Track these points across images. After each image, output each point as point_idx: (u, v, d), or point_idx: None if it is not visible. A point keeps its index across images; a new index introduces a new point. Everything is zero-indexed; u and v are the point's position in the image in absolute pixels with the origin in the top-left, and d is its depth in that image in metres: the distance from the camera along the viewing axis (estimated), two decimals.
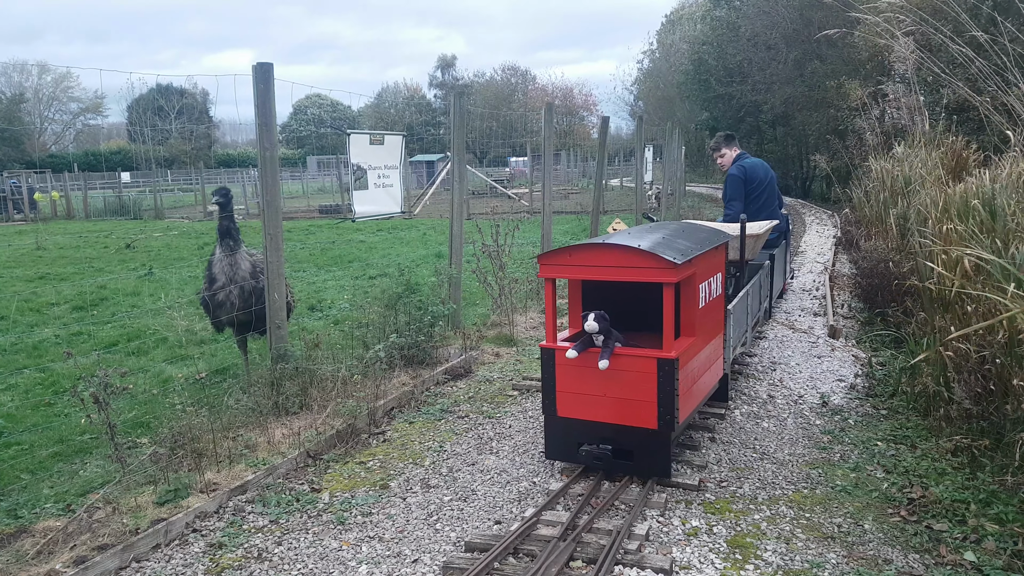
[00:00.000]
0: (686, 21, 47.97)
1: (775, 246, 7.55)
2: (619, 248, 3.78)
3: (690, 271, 3.91)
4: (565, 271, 3.97)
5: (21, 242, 18.74)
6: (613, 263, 3.79)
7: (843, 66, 20.67)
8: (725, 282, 4.81)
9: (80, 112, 70.30)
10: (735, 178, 7.46)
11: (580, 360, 3.95)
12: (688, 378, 3.97)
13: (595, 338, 3.92)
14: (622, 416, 3.91)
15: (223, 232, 5.79)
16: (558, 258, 3.96)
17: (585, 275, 3.95)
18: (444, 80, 77.80)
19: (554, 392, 4.08)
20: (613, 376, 3.89)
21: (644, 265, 3.69)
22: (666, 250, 3.74)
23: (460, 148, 7.50)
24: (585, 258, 3.88)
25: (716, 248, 4.54)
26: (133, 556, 3.50)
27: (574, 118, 69.00)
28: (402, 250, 14.85)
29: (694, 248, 4.07)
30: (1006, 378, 4.33)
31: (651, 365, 3.80)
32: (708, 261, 4.33)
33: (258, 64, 5.10)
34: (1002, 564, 3.23)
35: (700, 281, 4.15)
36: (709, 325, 4.42)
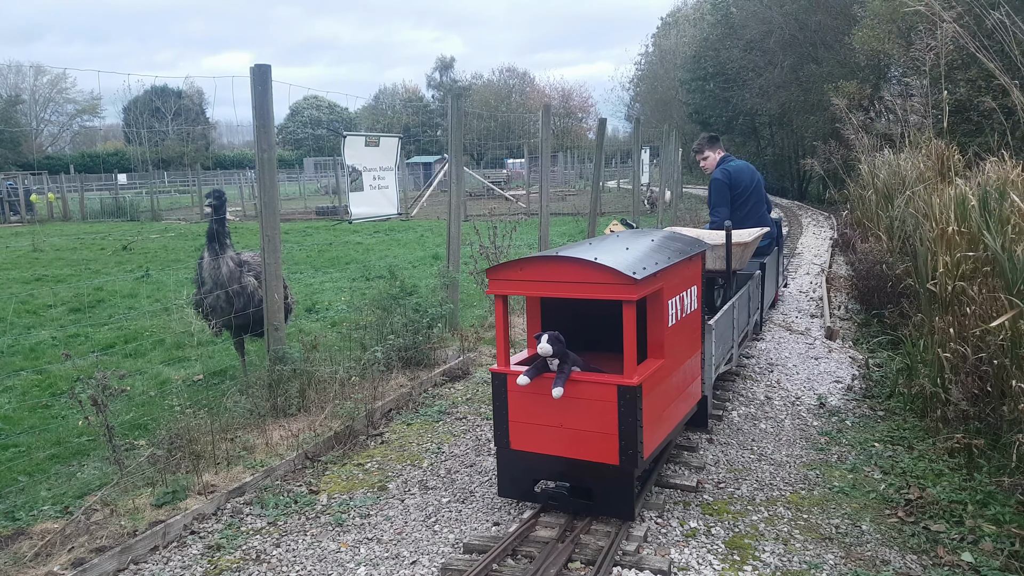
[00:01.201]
0: (683, 23, 48.06)
1: (766, 254, 7.12)
2: (574, 262, 3.39)
3: (656, 286, 3.54)
4: (516, 287, 3.55)
5: (17, 244, 18.71)
6: (567, 278, 3.41)
7: (839, 69, 20.72)
8: (702, 296, 4.40)
9: (76, 114, 70.24)
10: (719, 183, 6.99)
11: (533, 387, 3.55)
12: (655, 406, 3.60)
13: (550, 362, 3.53)
14: (580, 450, 3.53)
15: (211, 236, 5.77)
16: (508, 272, 3.55)
17: (537, 291, 3.55)
18: (442, 81, 77.85)
19: (506, 422, 3.69)
20: (570, 405, 3.51)
21: (601, 280, 3.31)
22: (627, 263, 3.36)
23: (457, 149, 7.51)
24: (537, 272, 3.49)
25: (690, 259, 4.13)
26: (131, 558, 3.50)
27: (571, 120, 69.10)
28: (399, 252, 14.85)
29: (662, 260, 3.68)
30: (1003, 379, 4.34)
31: (611, 393, 3.41)
32: (680, 273, 3.94)
33: (256, 66, 5.10)
34: (999, 564, 3.24)
35: (670, 296, 3.77)
36: (682, 344, 4.03)
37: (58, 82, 64.83)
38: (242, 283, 5.77)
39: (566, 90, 71.45)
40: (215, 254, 5.73)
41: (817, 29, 23.51)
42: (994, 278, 4.76)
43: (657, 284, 3.55)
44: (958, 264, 5.24)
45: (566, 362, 3.52)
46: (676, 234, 4.49)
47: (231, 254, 5.81)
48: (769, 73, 25.18)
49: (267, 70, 5.12)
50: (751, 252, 5.93)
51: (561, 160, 45.61)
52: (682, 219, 17.83)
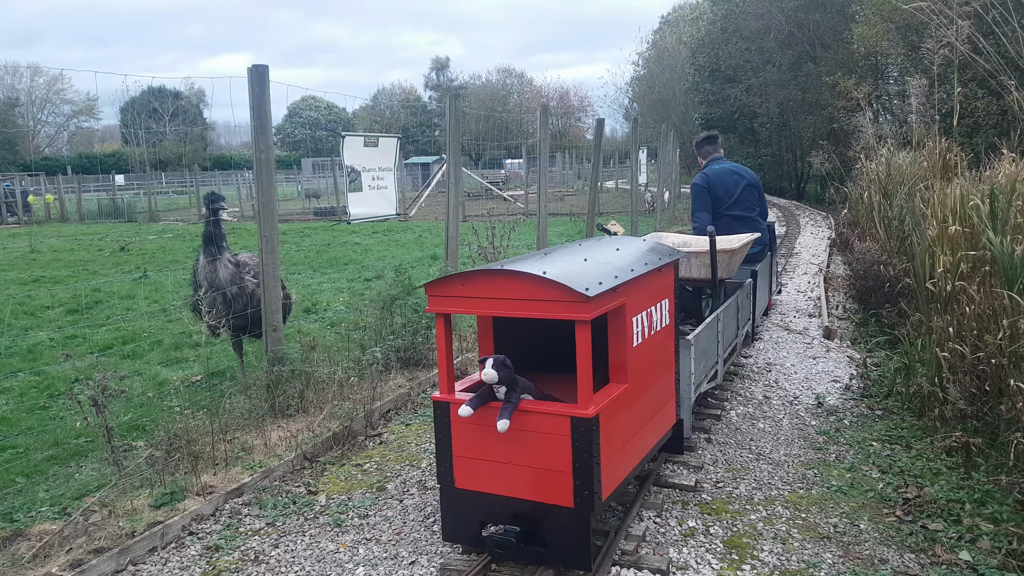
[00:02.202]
0: (681, 23, 48.09)
1: (757, 260, 6.75)
2: (520, 276, 3.00)
3: (616, 301, 3.18)
4: (458, 304, 3.17)
5: (15, 245, 18.70)
6: (514, 294, 3.03)
7: (837, 67, 20.75)
8: (675, 310, 4.01)
9: (73, 115, 70.17)
10: (698, 188, 6.76)
11: (478, 418, 3.17)
12: (616, 439, 3.24)
13: (496, 390, 3.14)
14: (531, 490, 3.14)
15: (207, 239, 5.76)
16: (450, 287, 3.17)
17: (481, 309, 3.14)
18: (439, 82, 77.84)
19: (450, 458, 3.31)
20: (519, 439, 3.13)
21: (550, 298, 2.94)
22: (581, 277, 3.00)
23: (456, 150, 7.51)
24: (481, 288, 3.10)
25: (659, 270, 3.72)
26: (129, 559, 3.50)
27: (570, 120, 69.13)
28: (398, 252, 14.85)
29: (624, 272, 3.30)
30: (1001, 378, 4.35)
31: (563, 425, 3.02)
32: (647, 286, 3.57)
33: (253, 66, 5.10)
34: (997, 563, 3.25)
35: (634, 312, 3.39)
36: (651, 365, 3.65)
37: (55, 83, 64.81)
38: (241, 285, 5.77)
39: (564, 90, 71.58)
40: (212, 257, 5.73)
41: (815, 28, 23.55)
42: (994, 277, 4.77)
43: (618, 299, 3.20)
44: (957, 263, 5.25)
45: (514, 390, 3.13)
46: (648, 242, 4.03)
47: (228, 256, 5.81)
48: (767, 72, 25.22)
49: (264, 70, 5.12)
50: (739, 259, 5.64)
51: (559, 160, 45.61)
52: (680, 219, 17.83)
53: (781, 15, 24.30)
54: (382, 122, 67.59)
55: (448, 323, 3.28)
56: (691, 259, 5.38)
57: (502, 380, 3.10)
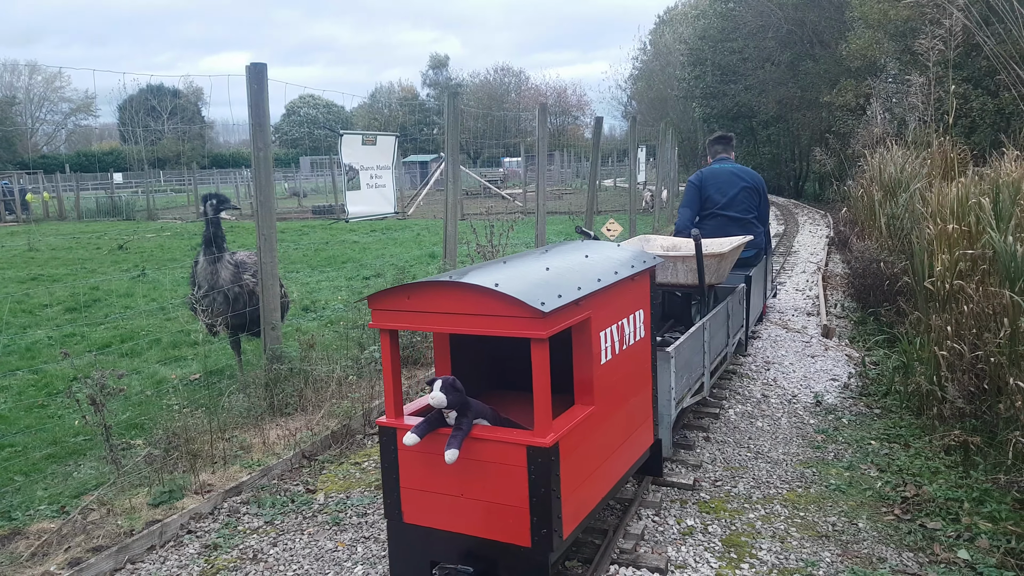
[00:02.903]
0: (678, 21, 48.07)
1: (752, 265, 6.50)
2: (470, 289, 2.73)
3: (580, 315, 2.90)
4: (404, 319, 2.89)
5: (13, 243, 18.67)
6: (463, 308, 2.75)
7: (835, 67, 20.76)
8: (651, 321, 3.70)
9: (71, 112, 70.07)
10: (689, 185, 6.74)
11: (427, 446, 2.87)
12: (580, 468, 2.95)
13: (446, 415, 2.85)
14: (484, 527, 2.86)
15: (207, 240, 5.75)
16: (394, 300, 2.89)
17: (429, 324, 2.85)
18: (438, 80, 77.79)
19: (397, 490, 3.03)
20: (471, 470, 2.84)
21: (502, 313, 2.66)
22: (537, 290, 2.71)
23: (454, 148, 7.50)
24: (428, 301, 2.82)
25: (631, 279, 3.41)
26: (128, 557, 3.49)
27: (568, 118, 69.12)
28: (396, 250, 14.85)
29: (590, 282, 3.01)
30: (1000, 377, 4.35)
31: (519, 455, 2.73)
32: (618, 296, 3.27)
33: (251, 64, 5.09)
34: (995, 562, 3.25)
35: (602, 326, 3.10)
36: (622, 383, 3.36)
37: (53, 81, 64.70)
38: (240, 284, 5.78)
39: (562, 89, 71.52)
40: (213, 258, 5.72)
41: (814, 26, 23.56)
42: (993, 276, 4.77)
43: (581, 313, 2.91)
44: (956, 262, 5.26)
45: (466, 415, 2.83)
46: (622, 247, 3.72)
47: (228, 257, 5.82)
48: (767, 70, 25.22)
49: (263, 69, 5.11)
50: (730, 264, 5.39)
51: (557, 159, 45.61)
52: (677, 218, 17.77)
53: (780, 13, 24.31)
54: (380, 120, 67.54)
55: (394, 339, 3.00)
56: (677, 263, 5.12)
57: (451, 404, 2.79)
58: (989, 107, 13.27)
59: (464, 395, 2.83)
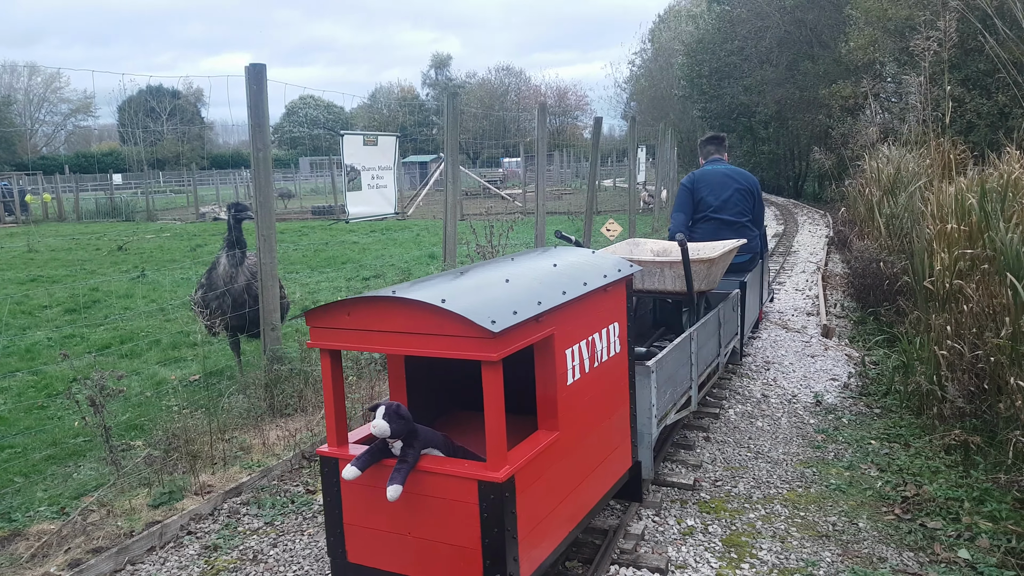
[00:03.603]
0: (678, 19, 48.05)
1: (747, 270, 6.25)
2: (414, 305, 2.46)
3: (539, 333, 2.62)
4: (344, 337, 2.61)
5: (13, 244, 18.67)
6: (407, 327, 2.48)
7: (834, 67, 20.76)
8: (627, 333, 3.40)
9: (70, 113, 70.06)
10: (681, 187, 6.51)
11: (371, 479, 2.60)
12: (541, 502, 2.67)
13: (391, 445, 2.58)
14: (434, 569, 2.61)
15: (231, 243, 5.94)
16: (333, 317, 2.61)
17: (372, 344, 2.57)
18: (438, 80, 77.82)
19: (340, 525, 2.76)
20: (418, 506, 2.58)
21: (449, 332, 2.41)
22: (489, 306, 2.45)
23: (454, 148, 7.50)
24: (369, 318, 2.54)
25: (604, 289, 3.12)
26: (128, 559, 3.49)
27: (567, 118, 69.15)
28: (396, 251, 14.84)
29: (554, 295, 2.72)
30: (1000, 376, 4.35)
31: (470, 491, 2.47)
32: (588, 310, 2.98)
33: (251, 65, 5.09)
34: (996, 561, 3.25)
35: (569, 343, 2.82)
36: (593, 404, 3.06)
37: (52, 82, 64.69)
38: (251, 290, 5.84)
39: (562, 89, 71.56)
40: (235, 262, 5.86)
41: (813, 26, 23.56)
42: (993, 275, 4.77)
43: (543, 330, 2.64)
44: (956, 261, 5.26)
45: (413, 445, 2.55)
46: (597, 255, 3.44)
47: (247, 265, 5.94)
48: (765, 70, 25.22)
49: (262, 69, 5.11)
50: (721, 269, 5.08)
51: (557, 159, 45.60)
52: None
53: (778, 14, 24.31)
54: (380, 120, 67.56)
55: (336, 360, 2.70)
56: (664, 269, 4.81)
57: (396, 433, 2.52)
58: (986, 108, 13.28)
59: (411, 422, 2.55)
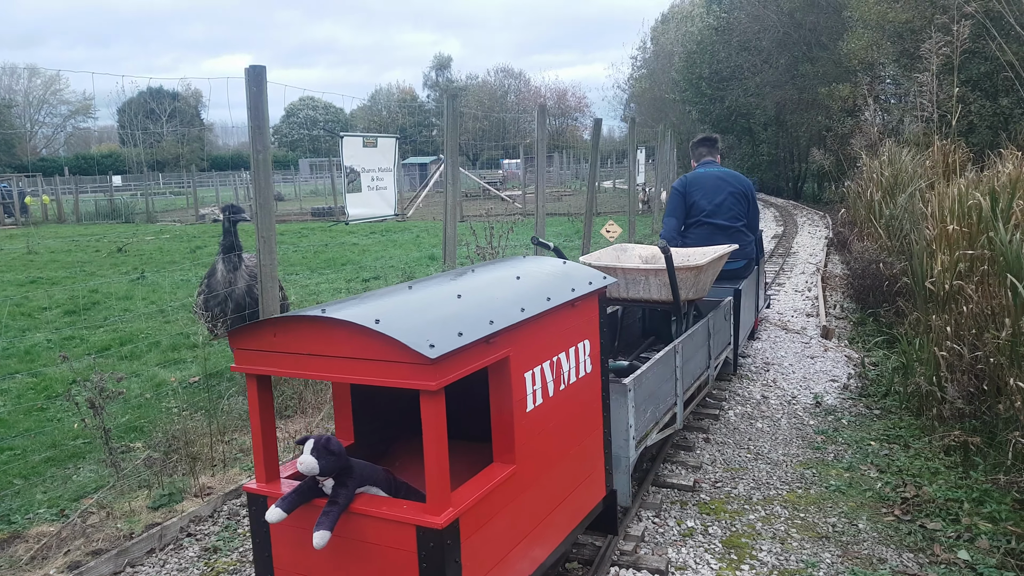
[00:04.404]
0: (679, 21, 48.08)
1: (742, 277, 5.97)
2: (343, 327, 2.18)
3: (491, 355, 2.33)
4: (270, 361, 2.31)
5: (12, 246, 18.66)
6: (335, 351, 2.20)
7: (833, 68, 20.78)
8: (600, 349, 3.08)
9: (70, 115, 70.09)
10: (673, 191, 6.19)
11: (300, 520, 2.31)
12: (495, 546, 2.38)
13: (321, 483, 2.28)
14: None
15: (227, 247, 5.95)
16: (258, 338, 2.32)
17: (301, 369, 2.27)
18: (438, 81, 77.87)
19: (270, 570, 2.46)
20: (353, 553, 2.29)
21: (382, 357, 2.12)
22: (433, 327, 2.18)
23: (453, 150, 7.50)
24: (296, 340, 2.26)
25: (571, 304, 2.81)
26: (127, 561, 3.49)
27: (567, 120, 69.19)
28: (395, 252, 14.84)
29: (507, 313, 2.42)
30: (1000, 377, 4.36)
31: (407, 537, 2.18)
32: (551, 328, 2.68)
33: (251, 67, 5.09)
34: (996, 562, 3.25)
35: (528, 366, 2.53)
36: (559, 430, 2.75)
37: (52, 83, 64.73)
38: (252, 293, 5.86)
39: (562, 90, 71.62)
40: (232, 267, 5.87)
41: (812, 28, 23.58)
42: (993, 276, 4.78)
43: (495, 351, 2.35)
44: (956, 263, 5.26)
45: (346, 483, 2.25)
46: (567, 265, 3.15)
47: (245, 268, 5.94)
48: (764, 72, 25.24)
49: (262, 71, 5.11)
50: (710, 276, 4.79)
51: (557, 160, 45.63)
52: None
53: (777, 16, 24.33)
54: (379, 122, 67.61)
55: (264, 386, 2.40)
56: (650, 277, 4.56)
57: (326, 470, 2.23)
58: (988, 109, 13.30)
59: (344, 457, 2.26)
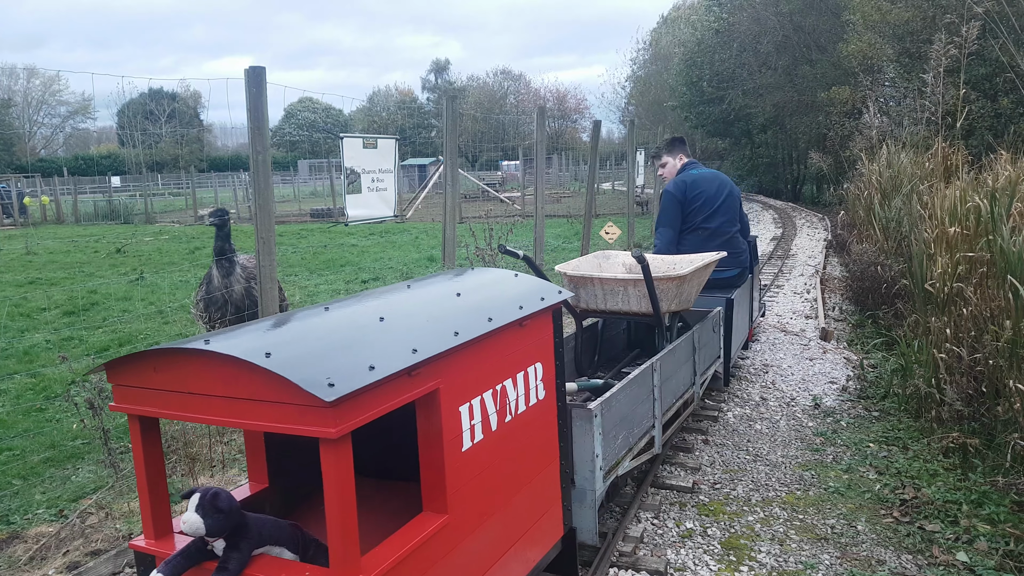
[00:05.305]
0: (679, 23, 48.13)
1: (734, 285, 5.56)
2: (228, 362, 1.82)
3: (416, 390, 1.99)
4: (152, 400, 1.95)
5: (11, 247, 18.65)
6: (220, 390, 1.84)
7: (832, 71, 20.80)
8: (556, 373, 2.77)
9: (69, 115, 70.06)
10: (670, 197, 5.46)
11: None
12: None
13: (211, 545, 1.95)
14: None
15: (218, 252, 5.88)
16: (138, 373, 1.97)
17: (184, 411, 1.91)
18: (437, 83, 77.88)
19: None
20: None
21: (273, 398, 1.77)
22: (337, 359, 1.85)
23: (452, 151, 7.50)
24: (179, 376, 1.90)
25: (520, 324, 2.50)
26: (126, 561, 3.48)
27: (566, 122, 69.24)
28: (394, 254, 14.85)
29: (436, 339, 2.10)
30: (999, 379, 4.36)
31: None
32: (494, 352, 2.37)
33: (250, 68, 5.08)
34: (994, 564, 3.26)
35: (465, 398, 2.22)
36: (504, 470, 2.43)
37: (51, 84, 64.70)
38: (253, 295, 5.86)
39: (561, 92, 71.64)
40: (226, 272, 5.85)
41: (811, 31, 23.61)
42: (992, 278, 4.78)
43: (421, 385, 2.02)
44: (956, 265, 5.27)
45: (239, 544, 1.94)
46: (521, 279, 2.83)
47: (239, 272, 5.92)
48: (763, 75, 25.27)
49: (261, 72, 5.11)
50: (696, 286, 4.43)
51: (556, 162, 45.66)
52: None
53: (776, 19, 24.36)
54: (379, 123, 67.61)
55: (150, 428, 2.05)
56: (628, 288, 4.25)
57: (214, 530, 1.89)
58: (988, 111, 13.32)
59: (236, 514, 1.93)
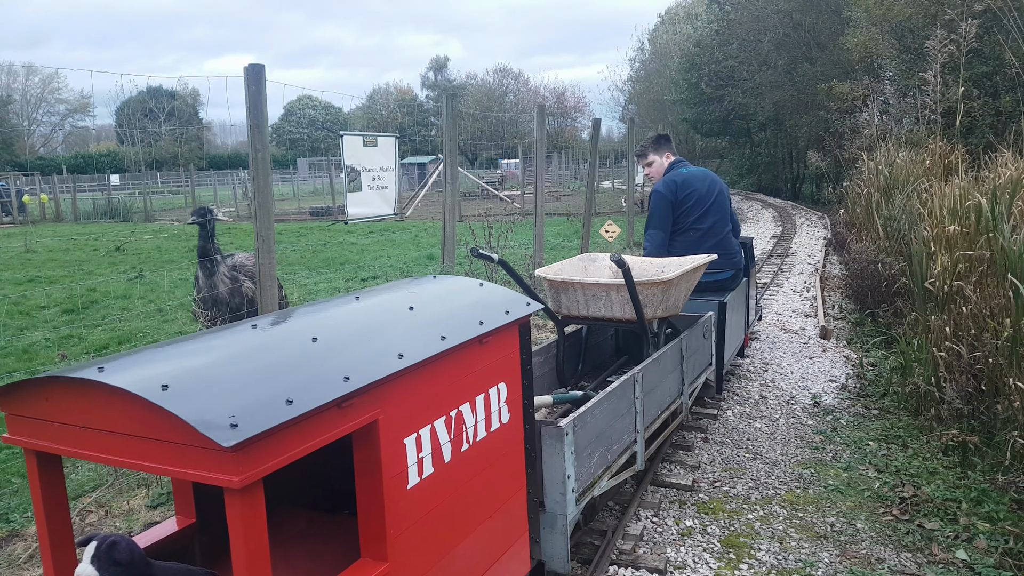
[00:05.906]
0: (677, 22, 48.12)
1: (728, 288, 5.39)
2: (119, 396, 1.59)
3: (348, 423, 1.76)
4: (46, 433, 1.76)
5: (10, 245, 18.64)
6: (117, 426, 1.62)
7: (833, 69, 20.80)
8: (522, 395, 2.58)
9: (68, 113, 70.02)
10: (660, 198, 5.23)
11: None
12: None
13: None
14: None
15: (201, 252, 5.84)
16: (30, 402, 1.79)
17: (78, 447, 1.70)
18: (436, 81, 77.82)
19: None
20: None
21: (169, 438, 1.54)
22: (249, 392, 1.63)
23: (452, 149, 7.50)
24: (71, 409, 1.70)
25: (479, 341, 2.29)
26: None
27: (566, 120, 69.21)
28: (394, 252, 14.84)
29: (376, 363, 1.88)
30: (998, 377, 4.36)
31: None
32: (447, 375, 2.14)
33: (250, 66, 5.08)
34: (994, 562, 3.26)
35: (412, 428, 1.99)
36: (459, 505, 2.21)
37: (50, 82, 64.65)
38: (242, 293, 5.86)
39: (560, 90, 71.60)
40: (209, 272, 5.83)
41: (811, 29, 23.60)
42: (992, 276, 4.78)
43: (355, 417, 1.78)
44: (955, 263, 5.27)
45: None
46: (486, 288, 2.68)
47: (223, 269, 5.89)
48: (763, 73, 25.26)
49: (261, 70, 5.10)
50: (684, 291, 4.25)
51: (555, 160, 45.64)
52: None
53: (776, 17, 24.34)
54: (378, 121, 67.56)
55: (50, 464, 1.87)
56: (611, 293, 4.08)
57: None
58: (989, 108, 13.34)
59: (137, 566, 1.76)
